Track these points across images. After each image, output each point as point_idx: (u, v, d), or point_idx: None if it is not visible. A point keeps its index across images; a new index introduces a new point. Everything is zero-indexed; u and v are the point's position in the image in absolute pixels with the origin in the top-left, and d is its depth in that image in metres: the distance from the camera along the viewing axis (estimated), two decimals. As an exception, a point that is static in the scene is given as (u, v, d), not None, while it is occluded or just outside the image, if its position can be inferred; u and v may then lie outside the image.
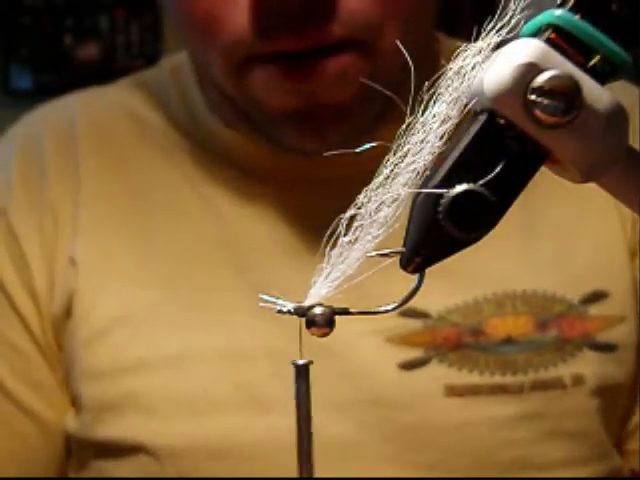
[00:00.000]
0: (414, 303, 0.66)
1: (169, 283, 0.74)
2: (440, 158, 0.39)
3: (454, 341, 0.71)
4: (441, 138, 0.39)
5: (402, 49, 0.66)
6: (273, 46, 0.65)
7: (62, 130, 0.79)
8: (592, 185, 0.43)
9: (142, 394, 0.72)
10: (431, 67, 0.42)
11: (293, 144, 0.71)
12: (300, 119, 0.68)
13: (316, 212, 0.73)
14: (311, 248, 0.73)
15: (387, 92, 0.47)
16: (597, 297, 0.73)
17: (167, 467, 0.71)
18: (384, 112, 0.70)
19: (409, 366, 0.71)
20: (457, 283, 0.71)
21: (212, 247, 0.75)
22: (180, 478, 0.72)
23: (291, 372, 0.42)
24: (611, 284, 0.74)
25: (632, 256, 0.75)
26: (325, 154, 0.48)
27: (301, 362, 0.42)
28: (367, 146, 0.41)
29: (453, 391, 0.71)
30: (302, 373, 0.42)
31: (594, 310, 0.73)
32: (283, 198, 0.75)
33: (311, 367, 0.42)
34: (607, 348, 0.73)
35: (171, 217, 0.76)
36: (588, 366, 0.72)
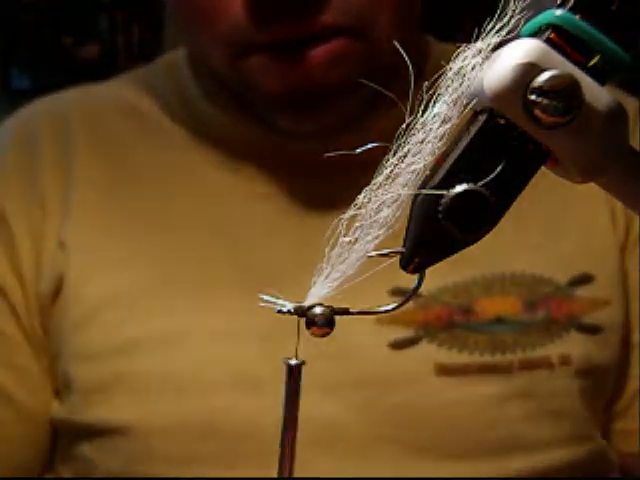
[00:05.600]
0: (404, 283, 0.66)
1: (161, 264, 0.74)
2: (440, 158, 0.39)
3: (445, 320, 0.72)
4: (441, 138, 0.39)
5: (394, 34, 0.67)
6: (269, 35, 0.67)
7: (56, 120, 0.81)
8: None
9: (133, 374, 0.72)
10: (419, 68, 0.43)
11: (287, 126, 0.72)
12: (294, 101, 0.70)
13: (309, 194, 0.75)
14: (304, 229, 0.74)
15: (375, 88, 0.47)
16: (583, 280, 0.75)
17: (156, 448, 0.72)
18: (376, 100, 0.72)
19: (399, 345, 0.72)
20: (447, 264, 0.72)
21: (204, 229, 0.75)
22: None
23: (282, 352, 0.42)
24: (597, 268, 0.75)
25: (622, 247, 0.76)
26: (326, 155, 0.48)
27: (294, 362, 0.42)
28: (368, 146, 0.41)
29: (443, 370, 0.71)
30: (294, 373, 0.42)
31: (580, 292, 0.74)
32: (276, 180, 0.76)
33: (300, 348, 0.42)
34: (593, 330, 0.74)
35: (163, 199, 0.77)
36: (574, 347, 0.73)
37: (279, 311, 0.41)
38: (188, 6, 0.70)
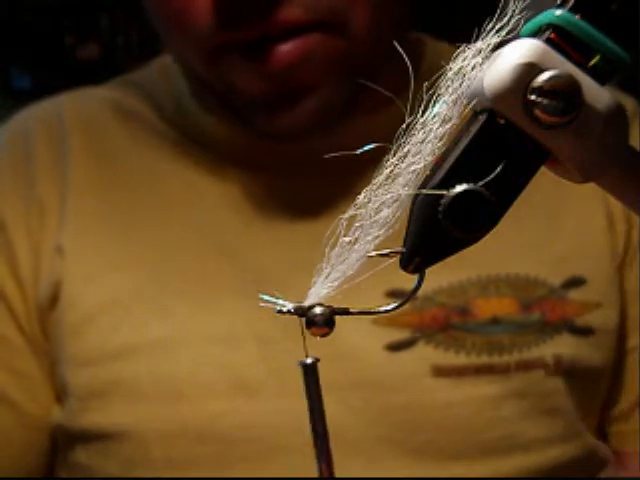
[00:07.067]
0: (401, 284, 0.66)
1: (155, 269, 0.75)
2: (440, 158, 0.39)
3: (441, 322, 0.72)
4: (441, 138, 0.39)
5: (373, 29, 0.66)
6: (237, 35, 0.66)
7: (51, 125, 0.81)
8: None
9: (129, 379, 0.72)
10: (413, 66, 0.42)
11: (266, 127, 0.71)
12: (271, 101, 0.69)
13: (296, 195, 0.75)
14: (294, 230, 0.74)
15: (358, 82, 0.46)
16: (576, 282, 0.75)
17: (154, 452, 0.72)
18: (359, 99, 0.71)
19: (396, 347, 0.72)
20: (442, 265, 0.72)
21: (197, 232, 0.75)
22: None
23: (277, 355, 0.42)
24: (590, 270, 0.75)
25: (622, 252, 0.76)
26: (326, 156, 0.48)
27: (309, 361, 0.42)
28: (368, 147, 0.41)
29: (440, 372, 0.71)
30: (310, 371, 0.42)
31: (573, 295, 0.74)
32: (263, 182, 0.76)
33: (297, 350, 0.42)
34: (585, 332, 0.74)
35: (156, 204, 0.77)
36: (566, 348, 0.73)
37: (279, 311, 0.41)
38: (158, 8, 0.70)
